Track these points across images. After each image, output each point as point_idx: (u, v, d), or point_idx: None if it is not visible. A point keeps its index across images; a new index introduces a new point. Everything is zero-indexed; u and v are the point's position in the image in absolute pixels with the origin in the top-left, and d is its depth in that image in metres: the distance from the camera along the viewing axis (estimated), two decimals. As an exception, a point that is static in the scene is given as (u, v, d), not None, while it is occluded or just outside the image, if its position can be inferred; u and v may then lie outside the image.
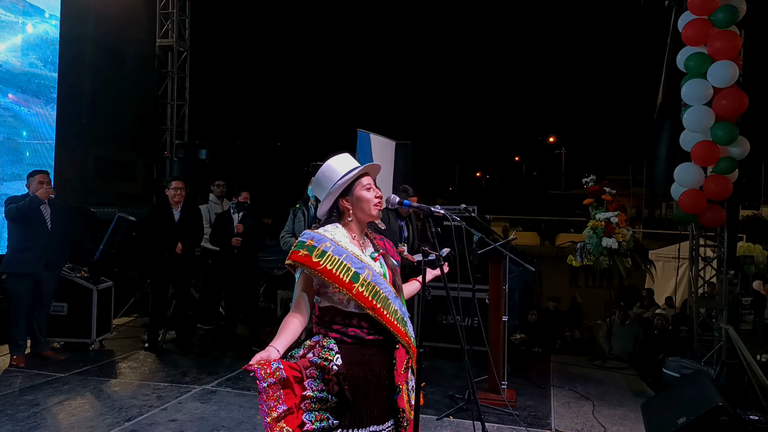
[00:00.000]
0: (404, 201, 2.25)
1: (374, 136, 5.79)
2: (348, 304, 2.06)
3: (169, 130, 9.31)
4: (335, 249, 2.05)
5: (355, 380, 2.01)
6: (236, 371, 5.15)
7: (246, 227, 5.99)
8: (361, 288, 2.02)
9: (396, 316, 2.09)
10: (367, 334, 2.07)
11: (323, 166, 2.17)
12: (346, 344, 2.05)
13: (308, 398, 1.96)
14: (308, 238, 2.09)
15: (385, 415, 2.07)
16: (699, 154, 4.99)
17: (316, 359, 2.00)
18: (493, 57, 66.31)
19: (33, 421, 3.90)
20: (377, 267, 2.13)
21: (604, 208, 5.72)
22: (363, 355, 2.06)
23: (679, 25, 5.22)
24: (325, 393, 1.97)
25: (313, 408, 1.96)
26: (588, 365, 5.84)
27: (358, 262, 2.06)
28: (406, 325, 2.13)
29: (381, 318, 2.04)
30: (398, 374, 2.08)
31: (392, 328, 2.07)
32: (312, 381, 1.98)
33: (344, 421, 1.98)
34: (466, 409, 4.27)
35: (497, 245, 4.38)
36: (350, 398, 1.98)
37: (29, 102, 6.49)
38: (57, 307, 5.62)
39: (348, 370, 2.00)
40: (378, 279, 2.08)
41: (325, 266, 2.01)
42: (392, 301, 2.09)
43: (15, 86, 6.29)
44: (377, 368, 2.07)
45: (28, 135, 6.46)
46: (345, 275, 2.02)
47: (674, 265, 9.36)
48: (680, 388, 4.08)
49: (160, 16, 9.20)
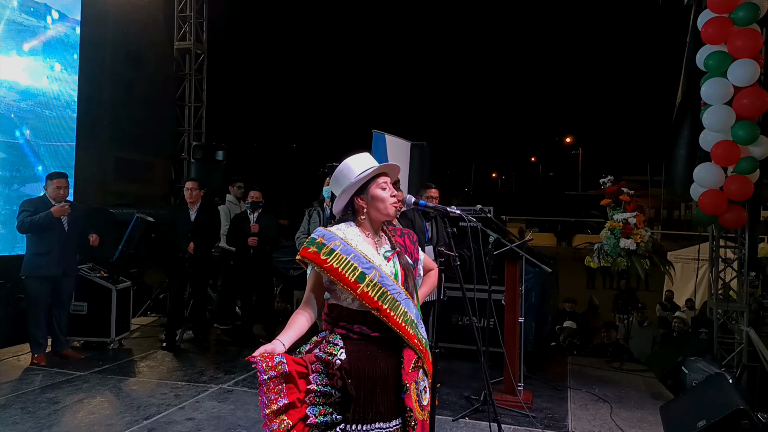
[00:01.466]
0: (420, 202, 2.25)
1: (389, 136, 5.79)
2: (353, 302, 2.06)
3: (187, 131, 9.41)
4: (344, 248, 2.06)
5: (360, 376, 2.02)
6: (253, 371, 5.14)
7: (262, 227, 6.03)
8: (366, 288, 2.02)
9: (405, 319, 2.07)
10: (372, 332, 2.07)
11: (342, 163, 2.18)
12: (351, 340, 2.06)
13: (312, 392, 1.97)
14: (319, 235, 2.10)
15: (392, 414, 2.06)
16: (719, 154, 4.92)
17: (321, 354, 2.02)
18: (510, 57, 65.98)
19: (53, 418, 3.96)
20: (388, 268, 2.12)
21: (621, 208, 5.66)
22: (369, 351, 2.06)
23: (698, 23, 5.15)
24: (329, 387, 1.98)
25: (317, 402, 1.97)
26: (605, 367, 5.78)
27: (366, 262, 2.06)
28: (416, 328, 2.11)
29: (388, 319, 2.04)
30: (405, 372, 2.07)
31: (400, 330, 2.06)
32: (317, 375, 1.99)
33: (348, 416, 1.99)
34: (482, 410, 4.25)
35: (513, 246, 4.36)
36: (353, 393, 1.98)
37: (50, 104, 6.60)
38: (77, 306, 5.70)
39: (353, 365, 2.00)
40: (386, 280, 2.07)
41: (332, 264, 2.02)
42: (401, 303, 2.08)
43: (36, 88, 6.40)
44: (383, 365, 2.07)
45: (48, 136, 6.57)
46: (351, 275, 2.02)
47: (694, 266, 9.24)
48: (700, 391, 4.01)
49: (178, 19, 9.32)
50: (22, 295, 5.57)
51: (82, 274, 5.72)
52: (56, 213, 5.10)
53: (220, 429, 3.87)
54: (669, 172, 5.67)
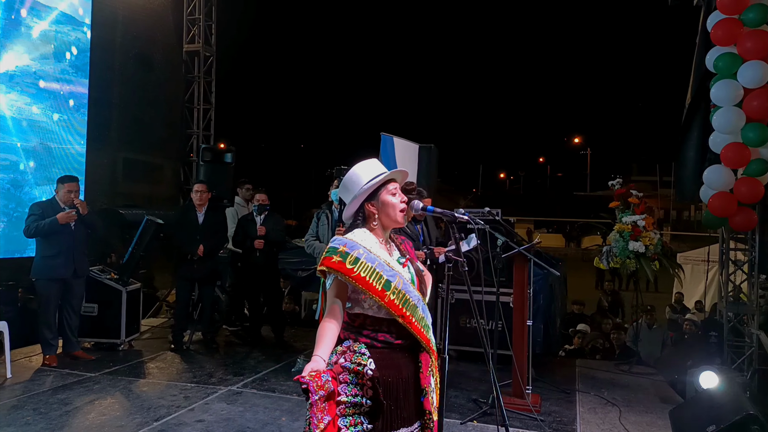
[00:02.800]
0: (428, 207, 2.25)
1: (397, 139, 5.80)
2: (379, 311, 2.07)
3: (196, 133, 9.47)
4: (368, 256, 2.06)
5: (387, 384, 2.04)
6: (261, 372, 5.21)
7: (268, 229, 6.06)
8: (392, 296, 2.03)
9: (422, 323, 2.11)
10: (395, 339, 2.09)
11: (351, 170, 2.18)
12: (376, 349, 2.07)
13: (343, 403, 1.97)
14: (341, 244, 2.08)
15: (413, 417, 2.10)
16: (729, 156, 4.89)
17: (349, 364, 2.02)
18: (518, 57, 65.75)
19: (65, 419, 3.99)
20: (406, 273, 2.14)
21: (630, 211, 5.64)
22: (393, 359, 2.08)
23: (708, 24, 5.13)
24: (359, 397, 1.99)
25: (347, 413, 1.98)
26: (614, 370, 5.76)
27: (389, 270, 2.07)
28: (429, 331, 2.15)
29: (409, 325, 2.06)
30: (423, 377, 2.11)
31: (418, 334, 2.09)
32: (345, 386, 1.99)
33: (377, 425, 2.00)
34: (491, 413, 4.24)
35: (521, 249, 4.35)
36: (384, 402, 2.00)
37: (61, 107, 6.66)
38: (87, 308, 5.75)
39: (380, 374, 2.02)
40: (407, 287, 2.09)
41: (359, 273, 2.02)
42: (420, 309, 2.11)
43: (48, 92, 6.46)
44: (405, 371, 2.10)
45: (59, 140, 6.62)
46: (378, 283, 2.03)
47: (703, 268, 9.18)
48: (710, 395, 3.99)
49: (187, 22, 9.38)
50: (32, 297, 5.62)
51: (93, 276, 5.77)
52: (62, 220, 5.13)
53: (230, 431, 3.89)
54: (678, 174, 5.65)
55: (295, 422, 4.03)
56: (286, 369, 5.36)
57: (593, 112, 52.72)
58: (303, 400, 2.02)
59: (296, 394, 4.55)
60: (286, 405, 4.39)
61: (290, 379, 4.90)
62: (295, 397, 4.52)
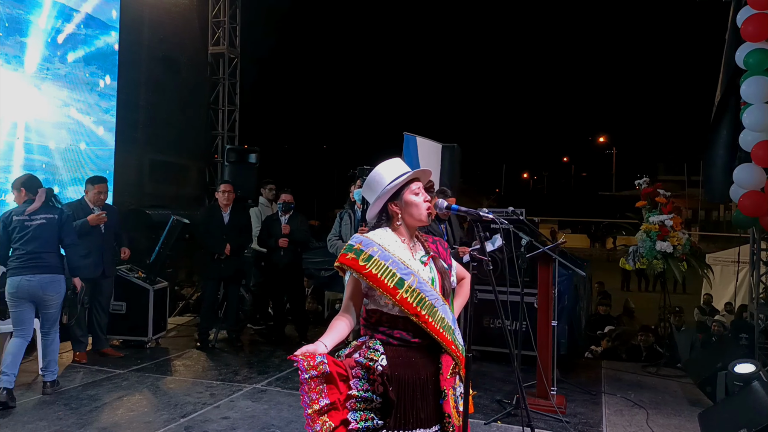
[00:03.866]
0: (453, 206, 2.25)
1: (420, 139, 5.80)
2: (393, 308, 2.07)
3: (221, 135, 9.58)
4: (382, 254, 2.07)
5: (401, 382, 2.03)
6: (285, 371, 5.26)
7: (293, 229, 6.11)
8: (405, 294, 2.03)
9: (442, 324, 2.08)
10: (412, 337, 2.08)
11: (374, 170, 2.19)
12: (392, 346, 2.07)
13: (353, 397, 1.98)
14: (357, 241, 2.11)
15: (432, 419, 2.07)
16: (760, 154, 4.79)
17: (361, 359, 2.03)
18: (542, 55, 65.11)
19: (95, 415, 4.08)
20: (425, 273, 2.12)
21: (658, 210, 5.55)
22: (409, 358, 2.07)
23: (738, 20, 5.03)
24: (370, 393, 1.98)
25: (358, 407, 1.98)
26: (641, 372, 5.67)
27: (404, 268, 2.07)
28: (453, 333, 2.11)
29: (426, 325, 2.05)
30: (444, 379, 2.08)
31: (437, 335, 2.06)
32: (357, 381, 2.00)
33: (389, 422, 1.99)
34: (515, 414, 4.22)
35: (546, 249, 4.32)
36: (394, 399, 1.99)
37: (91, 110, 6.80)
38: (116, 306, 5.87)
39: (393, 372, 2.01)
40: (424, 286, 2.08)
41: (371, 270, 2.03)
42: (439, 309, 2.08)
43: (79, 94, 6.60)
44: (423, 371, 2.08)
45: (88, 141, 6.77)
46: (390, 280, 2.03)
47: (733, 269, 8.99)
48: (740, 398, 3.91)
49: (212, 24, 9.50)
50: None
51: (121, 275, 5.89)
52: (92, 222, 5.24)
53: (255, 428, 3.93)
54: (707, 173, 5.54)
55: (319, 420, 4.06)
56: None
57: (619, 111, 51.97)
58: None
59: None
60: (310, 403, 4.41)
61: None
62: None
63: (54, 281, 4.43)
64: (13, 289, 4.31)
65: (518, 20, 57.90)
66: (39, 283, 4.33)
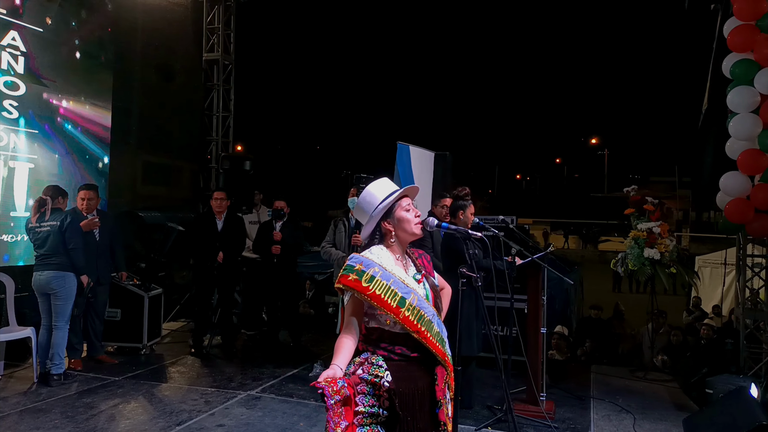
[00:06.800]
0: (442, 224, 2.33)
1: (414, 148, 5.87)
2: (395, 326, 2.15)
3: (215, 140, 9.62)
4: (383, 274, 2.14)
5: (403, 395, 2.11)
6: (279, 378, 5.31)
7: (285, 235, 6.16)
8: (407, 312, 2.11)
9: (438, 338, 2.18)
10: (411, 352, 2.17)
11: (363, 192, 2.27)
12: (393, 361, 2.15)
13: (360, 413, 2.05)
14: (357, 262, 2.17)
15: (428, 428, 2.17)
16: (745, 162, 4.89)
17: (366, 375, 2.10)
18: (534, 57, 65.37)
19: (91, 423, 4.12)
20: (421, 290, 2.22)
21: (645, 217, 5.64)
22: (409, 372, 2.16)
23: (725, 30, 5.12)
24: (376, 408, 2.06)
25: (365, 423, 2.05)
26: (629, 377, 5.77)
27: (404, 287, 2.15)
28: (445, 345, 2.22)
29: (425, 340, 2.13)
30: (439, 389, 2.18)
31: (434, 349, 2.16)
32: (363, 397, 2.07)
33: None
34: (505, 420, 4.28)
35: (535, 257, 4.39)
36: (400, 413, 2.07)
37: (87, 118, 6.82)
38: (111, 312, 5.91)
39: (397, 386, 2.09)
40: (422, 303, 2.17)
41: (374, 291, 2.10)
42: (435, 324, 2.18)
43: (74, 101, 6.62)
44: (421, 384, 2.17)
45: (84, 149, 6.79)
46: (392, 300, 2.11)
47: (722, 271, 9.09)
48: (724, 404, 4.00)
49: (207, 31, 9.54)
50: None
51: (116, 282, 5.92)
52: (85, 227, 5.29)
53: (249, 435, 3.98)
54: (695, 180, 5.65)
55: (313, 427, 4.12)
56: (303, 374, 5.46)
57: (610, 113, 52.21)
58: (320, 406, 2.11)
59: (314, 399, 4.64)
60: (303, 410, 4.48)
61: (308, 385, 4.98)
62: (312, 402, 4.61)
63: (58, 276, 5.00)
64: (33, 285, 5.09)
65: (512, 23, 58.13)
66: (46, 278, 5.00)
